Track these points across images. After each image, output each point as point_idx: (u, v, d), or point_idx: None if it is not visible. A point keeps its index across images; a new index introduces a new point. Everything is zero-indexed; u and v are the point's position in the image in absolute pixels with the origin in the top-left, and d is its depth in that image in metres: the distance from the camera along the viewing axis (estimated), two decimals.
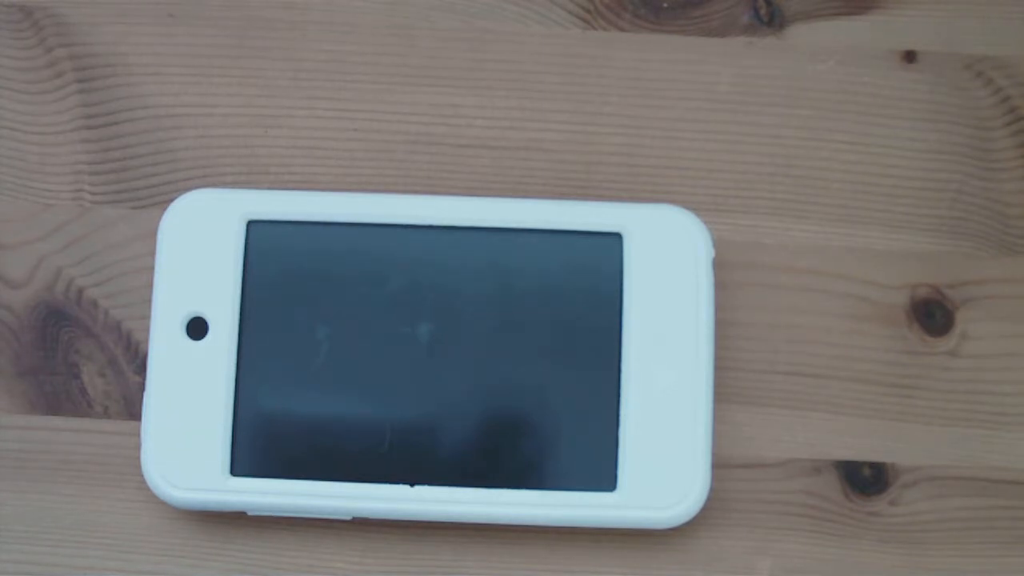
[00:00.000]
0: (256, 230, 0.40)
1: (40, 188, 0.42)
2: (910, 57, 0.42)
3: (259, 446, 0.39)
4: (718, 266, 0.41)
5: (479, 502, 0.39)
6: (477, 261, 0.40)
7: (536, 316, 0.40)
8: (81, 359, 0.41)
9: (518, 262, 0.40)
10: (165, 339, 0.39)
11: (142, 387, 0.41)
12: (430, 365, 0.39)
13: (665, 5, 0.43)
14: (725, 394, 0.41)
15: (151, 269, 0.41)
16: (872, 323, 0.41)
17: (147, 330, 0.41)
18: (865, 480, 0.41)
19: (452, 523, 0.40)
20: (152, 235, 0.41)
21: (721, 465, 0.41)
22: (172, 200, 0.41)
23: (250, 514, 0.39)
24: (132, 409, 0.41)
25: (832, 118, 0.42)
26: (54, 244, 0.42)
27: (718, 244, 0.41)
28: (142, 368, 0.41)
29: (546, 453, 0.39)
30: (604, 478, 0.39)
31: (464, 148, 0.42)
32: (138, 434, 0.40)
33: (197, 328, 0.40)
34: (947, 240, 0.42)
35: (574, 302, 0.40)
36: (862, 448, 0.41)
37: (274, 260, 0.40)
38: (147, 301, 0.41)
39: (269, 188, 0.42)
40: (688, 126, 0.42)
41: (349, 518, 0.39)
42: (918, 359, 0.41)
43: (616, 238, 0.40)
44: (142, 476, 0.40)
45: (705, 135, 0.42)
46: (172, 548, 0.40)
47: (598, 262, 0.40)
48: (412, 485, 0.39)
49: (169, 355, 0.39)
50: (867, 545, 0.41)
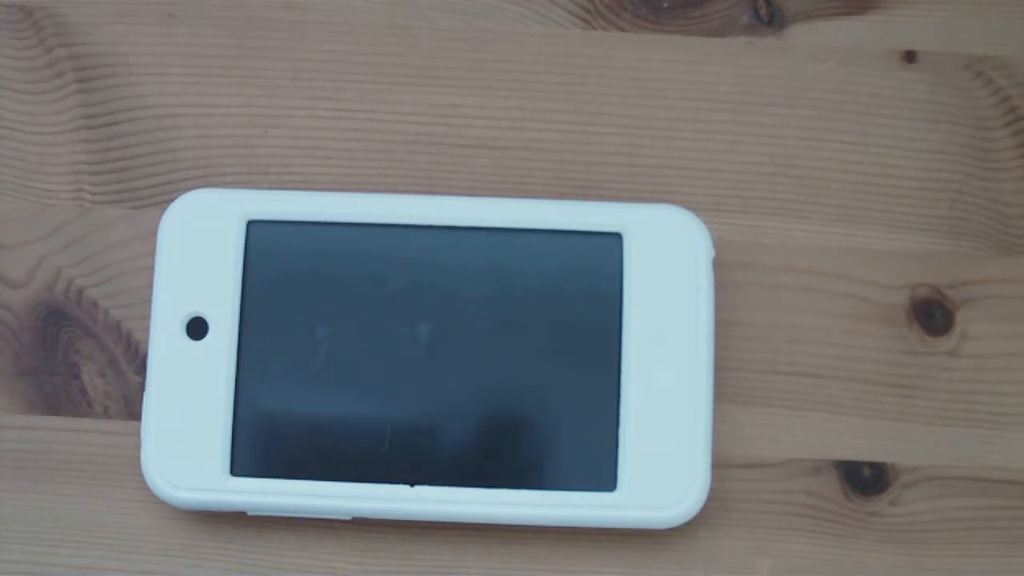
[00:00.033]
0: (256, 230, 0.40)
1: (40, 188, 0.42)
2: (910, 57, 0.42)
3: (259, 446, 0.39)
4: (718, 266, 0.41)
5: (479, 502, 0.39)
6: (477, 261, 0.40)
7: (536, 316, 0.40)
8: (81, 359, 0.41)
9: (518, 262, 0.40)
10: (165, 339, 0.39)
11: (142, 387, 0.41)
12: (430, 365, 0.39)
13: (665, 5, 0.43)
14: (725, 394, 0.41)
15: (151, 269, 0.41)
16: (872, 323, 0.41)
17: (147, 330, 0.41)
18: (865, 480, 0.41)
19: (452, 523, 0.40)
20: (152, 235, 0.41)
21: (721, 465, 0.41)
22: (172, 200, 0.41)
23: (250, 514, 0.39)
24: (132, 409, 0.41)
25: (832, 118, 0.42)
26: (54, 244, 0.42)
27: (718, 244, 0.41)
28: (142, 368, 0.41)
29: (546, 453, 0.39)
30: (604, 478, 0.39)
31: (464, 148, 0.42)
32: (138, 434, 0.40)
33: (197, 328, 0.40)
34: (947, 240, 0.42)
35: (574, 302, 0.40)
36: (862, 448, 0.41)
37: (274, 260, 0.40)
38: (147, 301, 0.41)
39: (269, 188, 0.42)
40: (688, 126, 0.42)
41: (349, 518, 0.39)
42: (918, 359, 0.41)
43: (616, 238, 0.40)
44: (142, 476, 0.40)
45: (705, 135, 0.42)
46: (172, 548, 0.40)
47: (598, 262, 0.40)
48: (412, 485, 0.39)
49: (169, 355, 0.39)
50: (867, 545, 0.41)
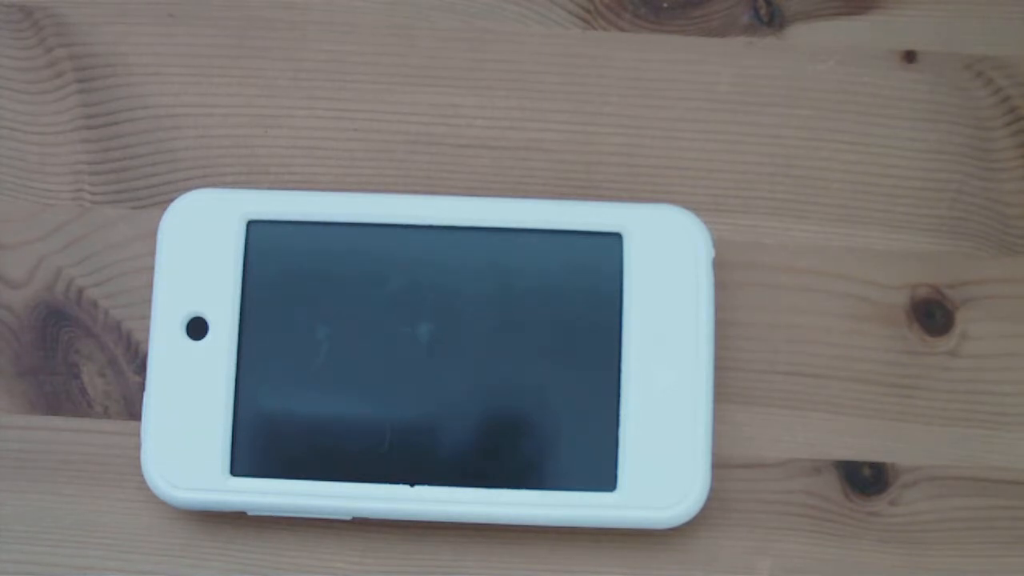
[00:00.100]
0: (256, 230, 0.40)
1: (40, 188, 0.42)
2: (910, 57, 0.42)
3: (259, 446, 0.39)
4: (718, 266, 0.41)
5: (479, 502, 0.39)
6: (477, 261, 0.40)
7: (536, 316, 0.40)
8: (81, 359, 0.41)
9: (518, 262, 0.40)
10: (165, 339, 0.39)
11: (142, 387, 0.41)
12: (430, 365, 0.39)
13: (665, 5, 0.43)
14: (725, 394, 0.41)
15: (151, 269, 0.41)
16: (872, 323, 0.41)
17: (147, 330, 0.41)
18: (865, 480, 0.41)
19: (452, 523, 0.40)
20: (152, 235, 0.41)
21: (721, 465, 0.41)
22: (172, 200, 0.41)
23: (250, 514, 0.39)
24: (132, 409, 0.41)
25: (832, 118, 0.42)
26: (54, 244, 0.42)
27: (718, 244, 0.41)
28: (142, 368, 0.41)
29: (546, 453, 0.39)
30: (604, 478, 0.39)
31: (464, 148, 0.42)
32: (138, 434, 0.40)
33: (197, 328, 0.40)
34: (947, 240, 0.42)
35: (574, 302, 0.40)
36: (862, 448, 0.41)
37: (274, 260, 0.40)
38: (147, 301, 0.41)
39: (269, 188, 0.42)
40: (688, 126, 0.42)
41: (349, 518, 0.39)
42: (918, 359, 0.41)
43: (616, 238, 0.40)
44: (142, 476, 0.40)
45: (705, 135, 0.42)
46: (172, 548, 0.40)
47: (598, 262, 0.40)
48: (412, 485, 0.39)
49: (169, 355, 0.39)
50: (867, 545, 0.41)
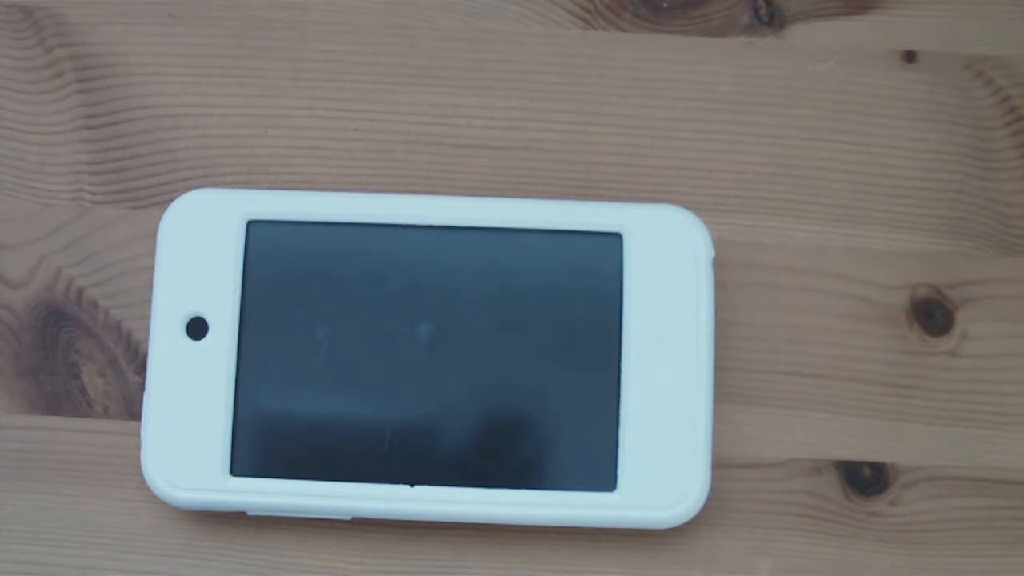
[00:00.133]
0: (256, 230, 0.40)
1: (40, 188, 0.42)
2: (910, 57, 0.42)
3: (259, 446, 0.39)
4: (718, 266, 0.41)
5: (479, 502, 0.39)
6: (477, 261, 0.40)
7: (536, 316, 0.40)
8: (81, 359, 0.41)
9: (518, 262, 0.40)
10: (165, 339, 0.39)
11: (142, 387, 0.41)
12: (430, 365, 0.39)
13: (665, 5, 0.43)
14: (725, 394, 0.41)
15: (151, 269, 0.41)
16: (872, 323, 0.41)
17: (147, 330, 0.41)
18: (865, 480, 0.41)
19: (452, 523, 0.40)
20: (152, 235, 0.41)
21: (721, 465, 0.41)
22: (172, 200, 0.41)
23: (250, 514, 0.39)
24: (132, 409, 0.41)
25: (832, 118, 0.42)
26: (54, 244, 0.42)
27: (718, 244, 0.41)
28: (142, 368, 0.41)
29: (546, 453, 0.39)
30: (604, 478, 0.39)
31: (464, 148, 0.42)
32: (138, 434, 0.40)
33: (197, 328, 0.40)
34: (947, 240, 0.42)
35: (574, 302, 0.40)
36: (862, 448, 0.41)
37: (274, 260, 0.40)
38: (147, 301, 0.41)
39: (269, 188, 0.42)
40: (688, 126, 0.42)
41: (349, 518, 0.39)
42: (918, 359, 0.41)
43: (616, 238, 0.40)
44: (142, 476, 0.40)
45: (705, 135, 0.42)
46: (172, 548, 0.40)
47: (598, 262, 0.40)
48: (412, 485, 0.39)
49: (169, 355, 0.39)
50: (867, 545, 0.41)
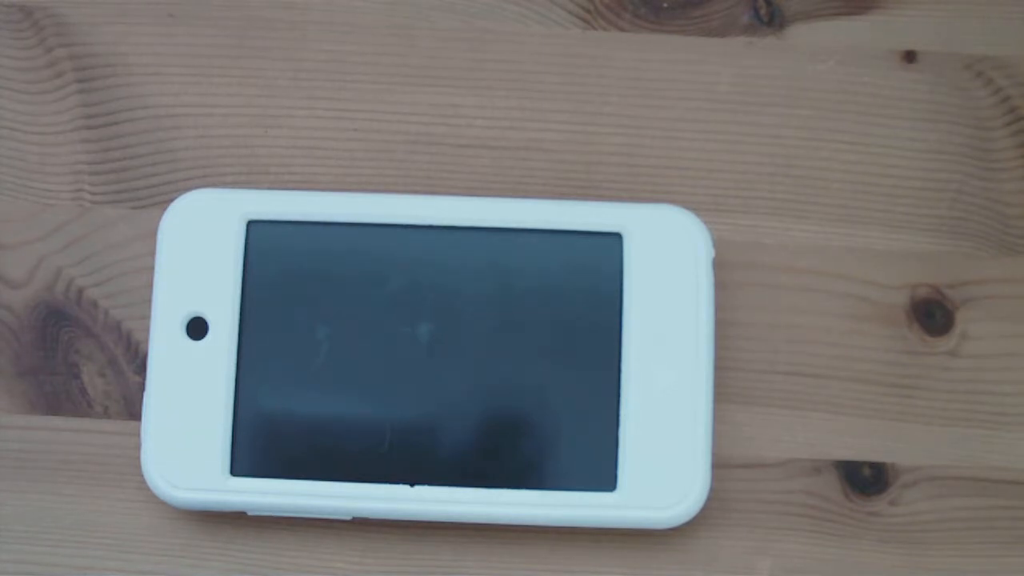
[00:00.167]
0: (256, 230, 0.40)
1: (40, 188, 0.42)
2: (910, 57, 0.42)
3: (259, 446, 0.39)
4: (718, 266, 0.41)
5: (479, 502, 0.39)
6: (477, 261, 0.40)
7: (536, 316, 0.40)
8: (81, 359, 0.41)
9: (518, 262, 0.40)
10: (165, 339, 0.39)
11: (142, 387, 0.41)
12: (430, 365, 0.39)
13: (665, 5, 0.43)
14: (725, 394, 0.41)
15: (151, 269, 0.41)
16: (872, 323, 0.41)
17: (147, 330, 0.41)
18: (865, 480, 0.41)
19: (452, 523, 0.40)
20: (152, 235, 0.41)
21: (721, 465, 0.41)
22: (172, 200, 0.41)
23: (250, 514, 0.39)
24: (132, 409, 0.41)
25: (832, 118, 0.42)
26: (54, 244, 0.42)
27: (718, 244, 0.41)
28: (142, 368, 0.41)
29: (546, 453, 0.39)
30: (604, 478, 0.39)
31: (464, 148, 0.42)
32: (138, 434, 0.40)
33: (197, 328, 0.40)
34: (947, 240, 0.42)
35: (574, 302, 0.40)
36: (862, 448, 0.41)
37: (274, 260, 0.40)
38: (147, 301, 0.41)
39: (269, 188, 0.42)
40: (688, 126, 0.42)
41: (349, 518, 0.39)
42: (918, 359, 0.41)
43: (616, 238, 0.40)
44: (142, 476, 0.40)
45: (705, 135, 0.42)
46: (172, 548, 0.40)
47: (598, 262, 0.40)
48: (412, 485, 0.39)
49: (169, 355, 0.39)
50: (867, 545, 0.41)
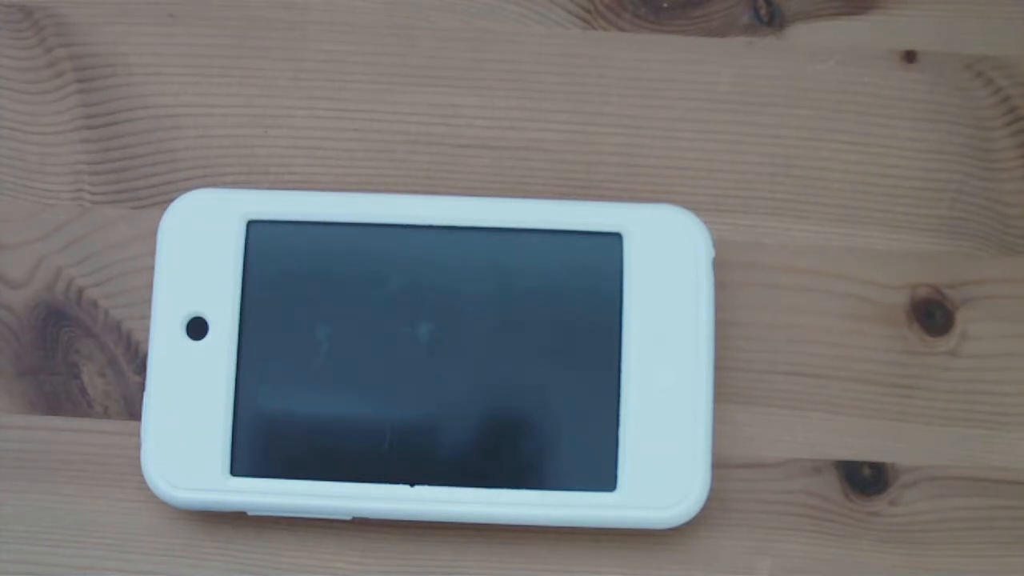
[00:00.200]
0: (256, 230, 0.40)
1: (40, 188, 0.42)
2: (910, 57, 0.42)
3: (259, 446, 0.39)
4: (718, 266, 0.41)
5: (479, 502, 0.39)
6: (477, 261, 0.40)
7: (536, 316, 0.40)
8: (81, 359, 0.41)
9: (518, 262, 0.40)
10: (165, 339, 0.39)
11: (142, 387, 0.41)
12: (430, 365, 0.39)
13: (665, 5, 0.43)
14: (725, 394, 0.41)
15: (151, 269, 0.41)
16: (872, 323, 0.41)
17: (147, 330, 0.41)
18: (865, 480, 0.41)
19: (452, 523, 0.40)
20: (152, 235, 0.41)
21: (721, 465, 0.41)
22: (172, 200, 0.41)
23: (250, 514, 0.39)
24: (132, 409, 0.41)
25: (832, 118, 0.42)
26: (54, 244, 0.42)
27: (718, 244, 0.41)
28: (142, 368, 0.41)
29: (546, 453, 0.39)
30: (604, 478, 0.39)
31: (464, 148, 0.42)
32: (138, 434, 0.40)
33: (197, 328, 0.40)
34: (947, 240, 0.42)
35: (574, 302, 0.40)
36: (862, 448, 0.41)
37: (274, 260, 0.40)
38: (147, 301, 0.41)
39: (269, 188, 0.42)
40: (688, 126, 0.42)
41: (349, 518, 0.39)
42: (918, 359, 0.41)
43: (616, 238, 0.40)
44: (142, 476, 0.40)
45: (705, 135, 0.42)
46: (172, 548, 0.40)
47: (598, 262, 0.40)
48: (412, 485, 0.39)
49: (169, 355, 0.39)
50: (867, 545, 0.41)
